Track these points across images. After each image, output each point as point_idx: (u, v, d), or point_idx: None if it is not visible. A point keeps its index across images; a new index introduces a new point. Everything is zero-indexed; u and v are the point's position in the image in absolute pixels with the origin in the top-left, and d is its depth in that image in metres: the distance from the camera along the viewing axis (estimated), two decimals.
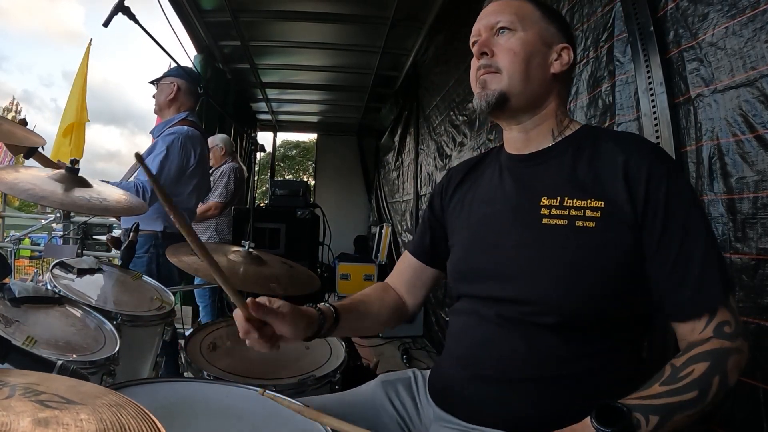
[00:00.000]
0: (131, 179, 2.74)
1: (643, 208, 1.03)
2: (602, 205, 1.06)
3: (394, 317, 1.44)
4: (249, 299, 1.05)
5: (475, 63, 1.22)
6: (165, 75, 3.04)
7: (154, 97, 3.04)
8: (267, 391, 1.07)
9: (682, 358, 0.96)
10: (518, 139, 1.24)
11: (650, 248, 1.03)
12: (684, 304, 1.02)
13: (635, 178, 1.05)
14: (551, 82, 1.20)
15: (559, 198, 1.11)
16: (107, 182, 2.47)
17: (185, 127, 2.87)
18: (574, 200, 1.09)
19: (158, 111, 3.04)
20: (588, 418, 0.89)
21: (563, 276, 1.06)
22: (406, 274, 1.48)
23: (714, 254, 1.02)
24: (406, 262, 1.49)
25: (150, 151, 2.83)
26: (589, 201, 1.07)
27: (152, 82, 3.06)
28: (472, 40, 1.24)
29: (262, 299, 1.08)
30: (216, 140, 4.71)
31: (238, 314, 1.06)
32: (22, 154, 2.44)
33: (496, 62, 1.17)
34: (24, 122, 2.48)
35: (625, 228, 1.04)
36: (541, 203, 1.13)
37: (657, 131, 1.80)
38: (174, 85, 2.98)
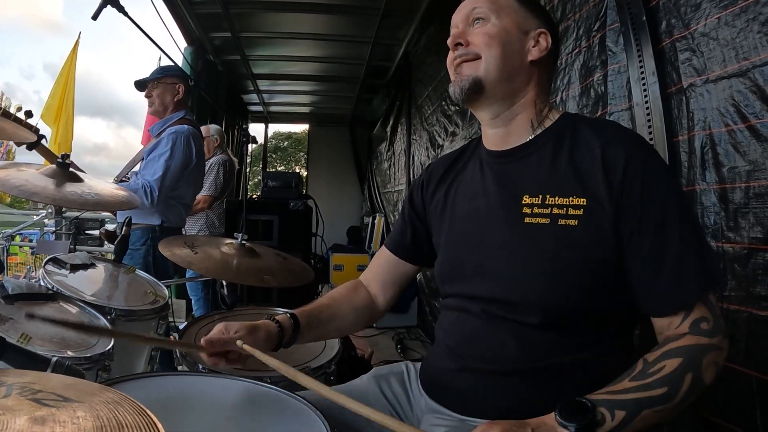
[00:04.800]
0: (138, 179, 2.81)
1: (618, 197, 1.01)
2: (584, 203, 1.04)
3: (363, 319, 1.44)
4: (202, 340, 1.13)
5: (451, 54, 1.21)
6: (165, 74, 3.04)
7: (151, 96, 3.02)
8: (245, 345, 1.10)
9: (656, 353, 0.95)
10: (497, 134, 1.22)
11: (626, 240, 1.02)
12: (658, 300, 1.01)
13: (612, 166, 1.03)
14: (530, 70, 1.18)
15: (540, 196, 1.10)
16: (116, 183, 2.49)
17: (186, 126, 2.94)
18: (556, 198, 1.07)
19: (162, 111, 3.04)
20: (554, 413, 0.88)
21: (546, 276, 1.06)
22: (383, 269, 1.47)
23: (692, 248, 0.99)
24: (383, 257, 1.47)
25: (152, 148, 2.88)
26: (571, 198, 1.06)
27: (151, 82, 3.03)
28: (451, 32, 1.23)
29: (217, 330, 1.15)
30: (211, 130, 4.68)
31: (202, 354, 1.13)
32: (25, 145, 2.47)
33: (473, 49, 1.15)
34: (30, 114, 2.45)
35: (607, 224, 1.02)
36: (523, 202, 1.12)
37: (649, 121, 1.80)
38: (180, 86, 3.03)
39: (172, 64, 3.02)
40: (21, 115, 2.33)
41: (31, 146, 2.46)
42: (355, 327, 1.45)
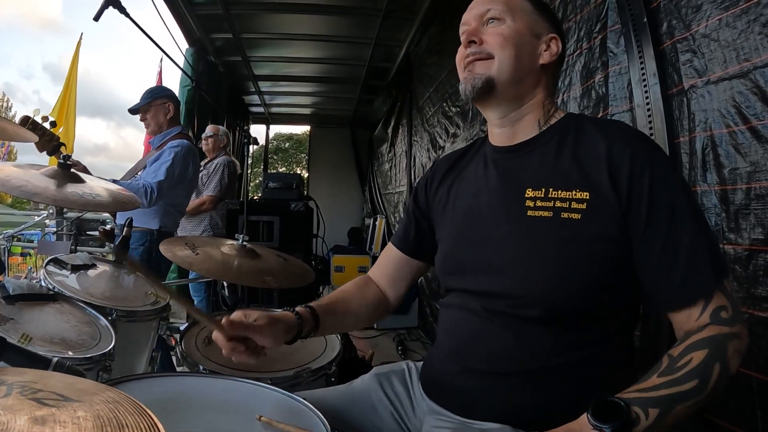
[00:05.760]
0: (139, 180, 3.00)
1: (627, 196, 1.01)
2: (588, 197, 1.04)
3: (375, 313, 1.44)
4: (224, 319, 1.08)
5: (462, 51, 1.20)
6: (153, 97, 3.25)
7: (146, 119, 3.25)
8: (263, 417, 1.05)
9: (680, 348, 0.94)
10: (503, 133, 1.23)
11: (637, 237, 1.02)
12: (675, 292, 1.00)
13: (618, 165, 1.03)
14: (539, 73, 1.18)
15: (543, 189, 1.10)
16: (116, 181, 2.57)
17: (185, 141, 3.18)
18: (559, 191, 1.07)
19: (158, 130, 3.28)
20: (585, 415, 0.87)
21: (547, 270, 1.05)
22: (390, 266, 1.47)
23: (703, 239, 0.99)
24: (390, 254, 1.47)
25: (156, 158, 3.09)
26: (574, 192, 1.06)
27: (143, 108, 3.24)
28: (461, 29, 1.22)
29: (237, 315, 1.11)
30: (220, 130, 4.72)
31: (218, 336, 1.08)
32: (46, 152, 2.56)
33: (486, 48, 1.15)
34: (54, 124, 2.53)
35: (611, 218, 1.02)
36: (526, 195, 1.12)
37: (650, 122, 1.80)
38: (169, 105, 3.27)
39: (160, 84, 3.17)
40: (47, 125, 2.43)
41: (51, 152, 2.56)
42: (369, 320, 1.45)
